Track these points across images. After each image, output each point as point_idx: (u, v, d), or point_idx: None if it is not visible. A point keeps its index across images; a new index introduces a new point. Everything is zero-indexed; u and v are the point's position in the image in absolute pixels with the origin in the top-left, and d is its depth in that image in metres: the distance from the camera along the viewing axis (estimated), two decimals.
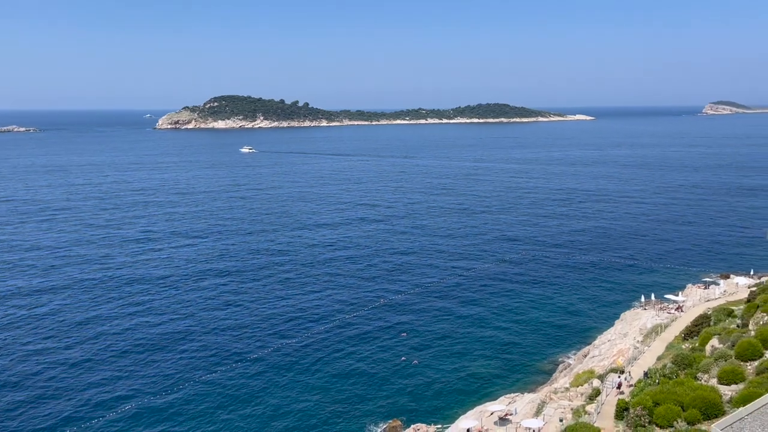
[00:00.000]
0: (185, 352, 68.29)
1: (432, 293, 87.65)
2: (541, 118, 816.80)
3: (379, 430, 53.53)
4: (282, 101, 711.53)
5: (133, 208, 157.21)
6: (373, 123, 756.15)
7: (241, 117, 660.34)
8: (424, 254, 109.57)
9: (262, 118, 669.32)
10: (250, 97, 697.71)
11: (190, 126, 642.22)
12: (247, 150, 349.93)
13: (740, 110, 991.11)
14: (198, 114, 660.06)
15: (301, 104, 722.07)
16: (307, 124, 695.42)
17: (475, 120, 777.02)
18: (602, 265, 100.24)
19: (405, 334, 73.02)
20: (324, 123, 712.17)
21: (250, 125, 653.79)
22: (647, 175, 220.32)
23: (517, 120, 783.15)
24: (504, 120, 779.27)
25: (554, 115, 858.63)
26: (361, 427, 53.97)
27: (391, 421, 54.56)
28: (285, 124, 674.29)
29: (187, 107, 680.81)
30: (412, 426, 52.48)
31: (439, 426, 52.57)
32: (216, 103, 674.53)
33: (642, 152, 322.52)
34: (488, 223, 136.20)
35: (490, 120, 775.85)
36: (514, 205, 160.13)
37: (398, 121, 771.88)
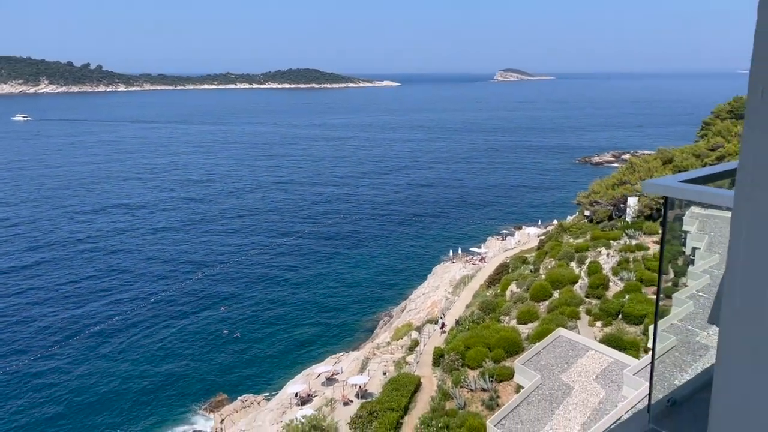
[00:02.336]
0: None
1: (250, 265, 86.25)
2: (351, 84, 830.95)
3: (204, 407, 52.06)
4: (70, 63, 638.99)
5: None
6: (178, 88, 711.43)
7: (20, 81, 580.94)
8: (240, 225, 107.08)
9: (47, 82, 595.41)
10: (30, 59, 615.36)
11: None
12: (22, 118, 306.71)
13: (525, 77, 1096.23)
14: None
15: (93, 67, 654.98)
16: (101, 89, 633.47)
17: (287, 85, 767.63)
18: (413, 225, 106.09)
19: (225, 307, 71.22)
20: (122, 88, 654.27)
21: (32, 90, 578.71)
22: (449, 138, 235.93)
23: (328, 86, 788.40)
24: (315, 85, 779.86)
25: (363, 81, 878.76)
26: (185, 407, 52.03)
27: (216, 396, 53.33)
28: (75, 89, 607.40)
29: None
30: (239, 398, 51.82)
31: (267, 394, 52.56)
32: None
33: (443, 116, 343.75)
34: (304, 191, 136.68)
35: (302, 85, 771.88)
36: (327, 172, 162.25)
37: (205, 86, 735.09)
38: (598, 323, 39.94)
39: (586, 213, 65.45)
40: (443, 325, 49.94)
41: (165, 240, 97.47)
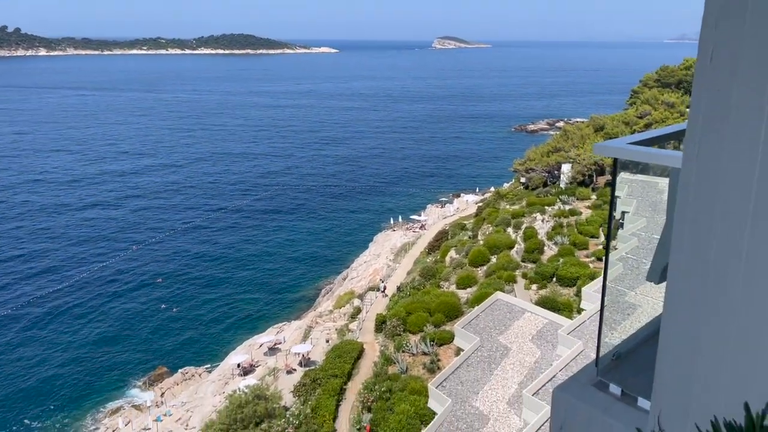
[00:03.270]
0: None
1: (187, 238, 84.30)
2: (287, 50, 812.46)
3: (143, 380, 51.17)
4: None
5: None
6: (104, 53, 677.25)
7: None
8: (175, 198, 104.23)
9: None
10: None
11: None
12: None
13: (462, 45, 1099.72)
14: None
15: (10, 30, 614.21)
16: (20, 53, 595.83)
17: (221, 51, 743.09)
18: (353, 195, 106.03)
19: (161, 279, 69.59)
20: (43, 52, 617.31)
21: None
22: (389, 107, 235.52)
23: (264, 52, 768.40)
24: (250, 51, 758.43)
25: (300, 47, 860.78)
26: (123, 382, 50.97)
27: (155, 369, 52.47)
28: None
29: None
30: (180, 370, 51.20)
31: (208, 366, 52.12)
32: None
33: (383, 84, 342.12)
34: (242, 163, 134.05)
35: (236, 51, 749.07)
36: (266, 143, 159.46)
37: (134, 51, 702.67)
38: (534, 286, 41.37)
39: (522, 180, 67.08)
40: (384, 288, 50.83)
41: (96, 215, 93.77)
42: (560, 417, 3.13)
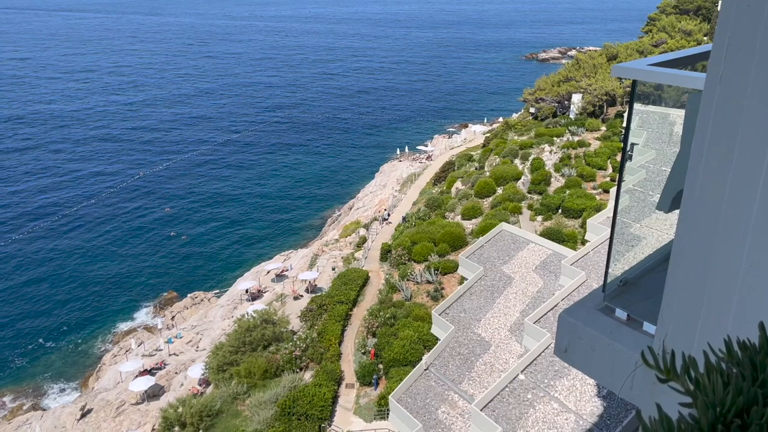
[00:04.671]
0: None
1: (194, 168, 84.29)
2: None
3: (154, 304, 52.53)
4: None
5: None
6: None
7: None
8: (182, 128, 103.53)
9: None
10: None
11: None
12: None
13: None
14: None
15: None
16: None
17: None
18: (359, 124, 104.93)
19: (169, 209, 70.06)
20: None
21: None
22: (397, 35, 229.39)
23: None
24: None
25: None
26: (134, 305, 52.35)
27: (165, 293, 53.75)
28: None
29: None
30: (189, 295, 52.42)
31: (217, 291, 53.29)
32: None
33: (391, 9, 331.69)
34: (251, 91, 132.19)
35: None
36: (273, 69, 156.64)
37: None
38: (539, 218, 41.48)
39: (531, 110, 66.05)
40: (389, 215, 51.47)
41: (101, 146, 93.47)
42: (564, 340, 3.20)
